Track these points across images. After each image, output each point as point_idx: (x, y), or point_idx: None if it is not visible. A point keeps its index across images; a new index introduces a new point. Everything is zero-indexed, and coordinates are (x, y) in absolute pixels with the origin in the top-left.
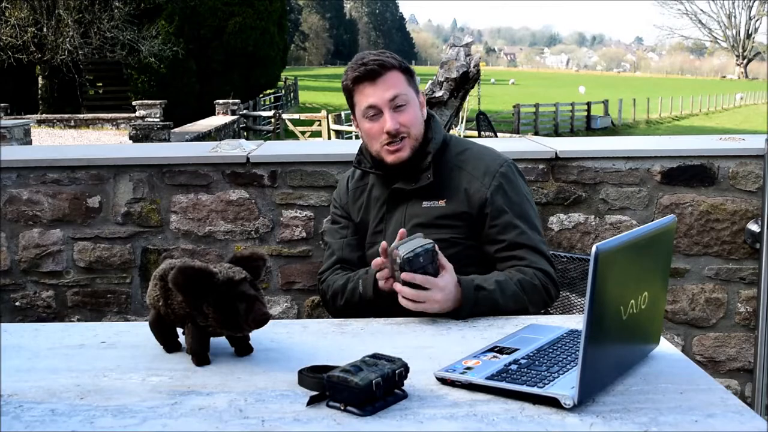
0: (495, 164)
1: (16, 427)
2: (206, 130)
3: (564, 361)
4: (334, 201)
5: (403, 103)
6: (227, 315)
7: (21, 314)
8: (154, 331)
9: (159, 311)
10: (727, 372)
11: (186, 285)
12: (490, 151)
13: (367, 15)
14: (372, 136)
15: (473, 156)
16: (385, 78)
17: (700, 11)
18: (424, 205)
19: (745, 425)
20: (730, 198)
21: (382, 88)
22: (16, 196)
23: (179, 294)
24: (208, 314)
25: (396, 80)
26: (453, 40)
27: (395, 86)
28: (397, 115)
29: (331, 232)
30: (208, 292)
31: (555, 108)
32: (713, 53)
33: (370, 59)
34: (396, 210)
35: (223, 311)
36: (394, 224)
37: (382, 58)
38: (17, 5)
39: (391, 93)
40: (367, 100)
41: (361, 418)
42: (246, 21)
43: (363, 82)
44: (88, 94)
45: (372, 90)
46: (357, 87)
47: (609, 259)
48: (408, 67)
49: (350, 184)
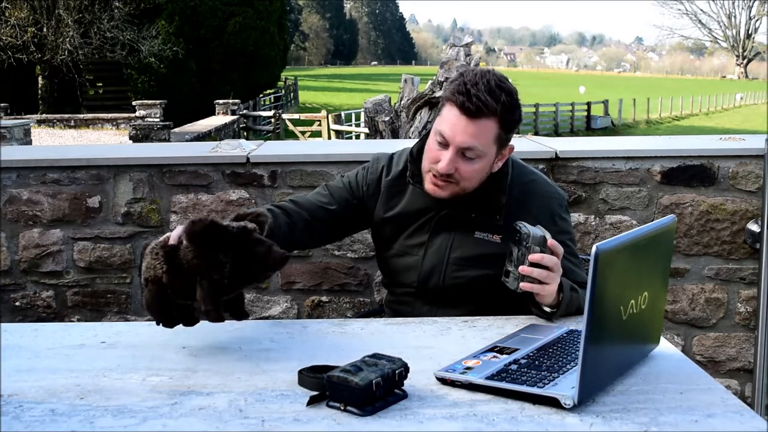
0: (555, 205)
1: (16, 427)
2: (206, 130)
3: (564, 361)
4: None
5: (473, 157)
6: (246, 262)
7: (21, 314)
8: (153, 309)
9: (160, 283)
10: (727, 372)
11: (203, 235)
12: (551, 188)
13: (367, 15)
14: (428, 157)
15: (537, 192)
16: (479, 123)
17: (700, 11)
18: (477, 235)
19: (745, 425)
20: (730, 198)
21: (465, 129)
22: (16, 196)
23: (196, 246)
24: (225, 264)
25: (485, 131)
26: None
27: (479, 137)
28: (459, 161)
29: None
30: (223, 242)
31: (555, 108)
32: (713, 53)
33: (478, 95)
34: (441, 231)
35: (241, 259)
36: (437, 247)
37: (489, 99)
38: (17, 5)
39: (468, 142)
40: (445, 128)
41: (361, 418)
42: (246, 21)
43: (455, 107)
44: (88, 94)
45: (457, 121)
46: (449, 106)
47: (609, 259)
48: (508, 114)
49: (385, 178)
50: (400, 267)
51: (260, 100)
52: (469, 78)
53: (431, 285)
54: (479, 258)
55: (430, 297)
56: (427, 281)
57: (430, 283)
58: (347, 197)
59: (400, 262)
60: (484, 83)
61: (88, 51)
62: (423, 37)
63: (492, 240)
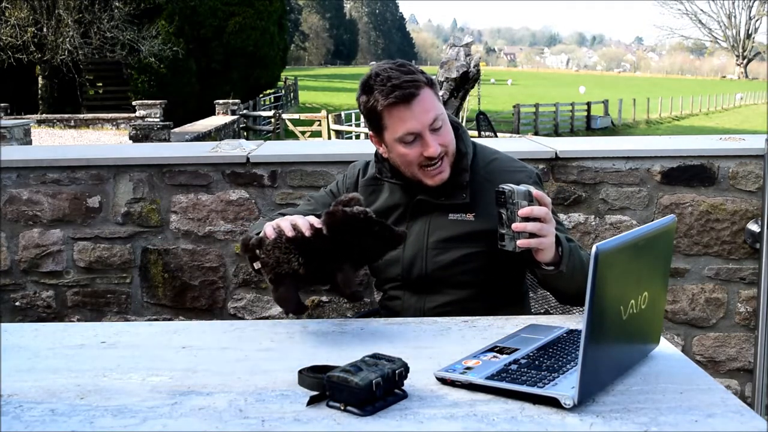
0: (525, 178)
1: (16, 427)
2: (206, 130)
3: (564, 361)
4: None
5: (440, 123)
6: (372, 243)
7: (21, 314)
8: (291, 301)
9: (297, 275)
10: (727, 372)
11: (343, 224)
12: (516, 164)
13: (367, 15)
14: (408, 161)
15: (502, 169)
16: (420, 99)
17: (700, 11)
18: (451, 217)
19: (745, 425)
20: (730, 198)
21: (418, 110)
22: (16, 196)
23: (336, 235)
24: (357, 247)
25: (429, 99)
26: (453, 40)
27: (431, 107)
28: (437, 137)
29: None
30: (355, 228)
31: (555, 108)
32: (713, 53)
33: (403, 81)
34: (417, 220)
35: (369, 241)
36: (415, 235)
37: (412, 77)
38: (17, 5)
39: (430, 116)
40: (405, 126)
41: (361, 418)
42: (246, 21)
43: (397, 106)
44: (88, 94)
45: (409, 114)
46: (390, 111)
47: (609, 259)
48: (431, 80)
49: (361, 179)
50: (384, 263)
51: (260, 100)
52: (381, 79)
53: (415, 273)
54: (456, 238)
55: (416, 286)
56: (411, 270)
57: (413, 271)
58: (330, 202)
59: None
60: (394, 73)
61: (88, 51)
62: (423, 37)
63: (466, 219)
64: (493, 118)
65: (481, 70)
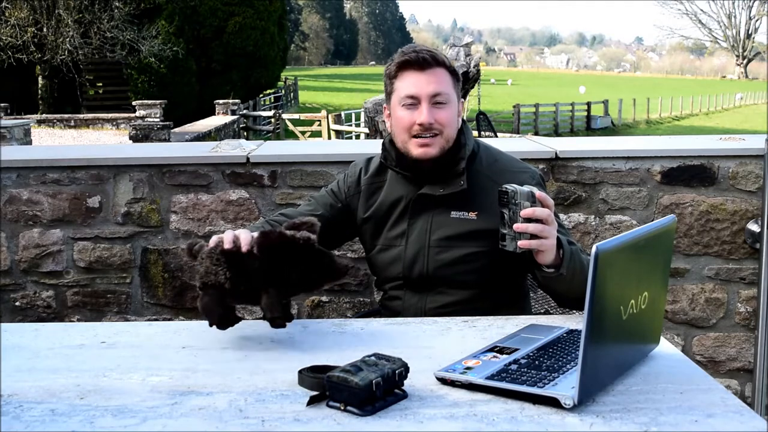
0: (528, 179)
1: (16, 427)
2: (206, 130)
3: (564, 361)
4: (338, 186)
5: (444, 102)
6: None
7: (21, 314)
8: (213, 312)
9: (221, 288)
10: (727, 372)
11: (276, 248)
12: (520, 164)
13: (367, 15)
14: (403, 125)
15: (505, 169)
16: (434, 71)
17: (700, 11)
18: (453, 215)
19: (745, 425)
20: (730, 198)
21: (426, 79)
22: (16, 196)
23: (267, 258)
24: (290, 274)
25: (442, 77)
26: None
27: (440, 83)
28: (435, 111)
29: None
30: (292, 254)
31: (555, 108)
32: (713, 53)
33: (423, 49)
34: (419, 217)
35: (306, 269)
36: (417, 233)
37: (435, 53)
38: (17, 5)
39: (434, 88)
40: (409, 89)
41: (361, 418)
42: (246, 21)
43: (410, 68)
44: (88, 94)
45: (416, 79)
46: (402, 72)
47: (609, 259)
48: (455, 71)
49: (363, 177)
50: (386, 261)
51: (260, 100)
52: (407, 47)
53: (416, 272)
54: (458, 237)
55: (417, 285)
56: (412, 269)
57: (415, 270)
58: (332, 202)
59: (386, 256)
60: (420, 46)
61: (88, 51)
62: (423, 37)
63: (468, 217)
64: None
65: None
